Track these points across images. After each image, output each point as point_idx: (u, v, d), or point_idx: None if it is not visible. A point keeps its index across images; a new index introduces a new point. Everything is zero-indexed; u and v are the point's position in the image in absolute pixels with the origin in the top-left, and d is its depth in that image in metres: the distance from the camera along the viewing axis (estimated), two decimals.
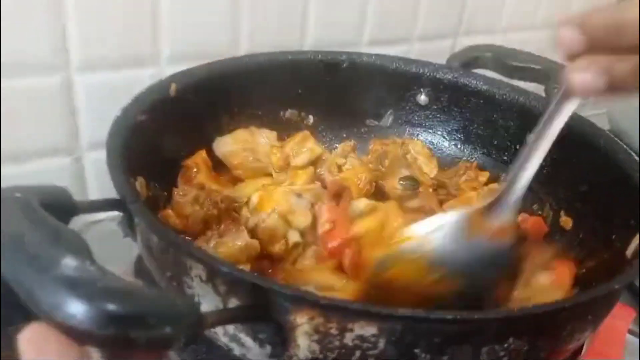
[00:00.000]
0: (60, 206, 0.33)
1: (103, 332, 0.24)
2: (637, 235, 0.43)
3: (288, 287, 0.30)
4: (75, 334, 0.25)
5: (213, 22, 0.68)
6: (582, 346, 0.52)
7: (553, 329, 0.34)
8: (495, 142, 0.63)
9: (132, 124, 0.45)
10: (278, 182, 0.55)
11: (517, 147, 0.61)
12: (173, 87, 0.52)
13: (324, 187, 0.55)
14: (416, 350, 0.32)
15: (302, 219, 0.49)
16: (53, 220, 0.28)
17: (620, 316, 0.57)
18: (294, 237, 0.47)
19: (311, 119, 0.66)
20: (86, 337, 0.25)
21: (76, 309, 0.24)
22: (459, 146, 0.65)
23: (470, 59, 0.67)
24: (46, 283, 0.25)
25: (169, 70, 0.57)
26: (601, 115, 0.94)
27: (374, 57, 0.66)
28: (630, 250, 0.43)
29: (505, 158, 0.62)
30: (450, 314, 0.29)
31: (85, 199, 0.65)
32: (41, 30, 0.59)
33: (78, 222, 0.60)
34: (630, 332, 0.57)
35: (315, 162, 0.60)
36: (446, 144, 0.66)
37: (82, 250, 0.27)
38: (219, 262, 0.32)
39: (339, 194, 0.54)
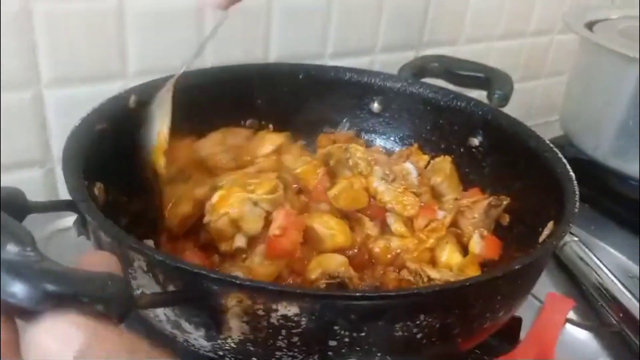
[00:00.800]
0: (14, 205, 0.36)
1: (40, 308, 0.28)
2: (551, 222, 0.47)
3: (216, 272, 0.34)
4: (16, 312, 0.29)
5: (177, 38, 0.72)
6: (518, 333, 0.56)
7: (461, 307, 0.37)
8: (443, 146, 0.67)
9: (91, 132, 0.49)
10: (243, 181, 0.58)
11: (462, 149, 0.65)
12: (132, 98, 0.55)
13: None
14: (336, 328, 0.35)
15: (252, 226, 0.51)
16: (3, 215, 0.32)
17: (558, 306, 0.61)
18: (239, 242, 0.50)
19: (271, 127, 0.70)
20: (26, 315, 0.28)
21: (16, 288, 0.27)
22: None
23: (419, 69, 0.71)
24: None
25: (135, 84, 0.60)
26: (553, 122, 0.99)
27: (327, 68, 0.69)
28: (542, 237, 0.46)
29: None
30: (358, 291, 0.33)
31: None
32: (12, 49, 0.63)
33: (47, 230, 0.64)
34: (569, 321, 0.60)
35: (279, 151, 0.64)
36: (398, 148, 0.70)
37: (25, 239, 0.30)
38: (155, 253, 0.36)
39: (301, 190, 0.59)
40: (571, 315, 0.61)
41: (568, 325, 0.61)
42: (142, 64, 0.71)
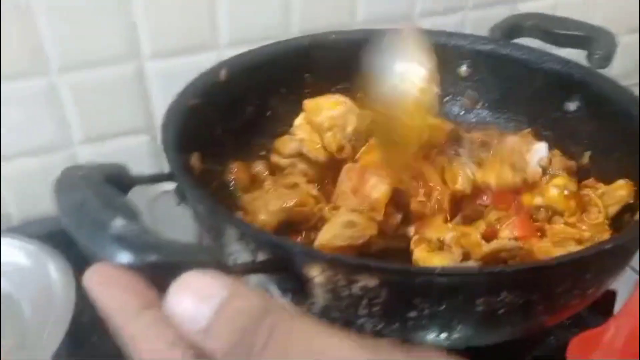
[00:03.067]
0: (119, 179, 0.40)
1: (144, 275, 0.31)
2: None
3: (299, 245, 0.36)
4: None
5: (265, 6, 0.73)
6: (612, 307, 0.54)
7: (546, 286, 0.37)
8: (537, 111, 0.64)
9: (185, 107, 0.52)
10: None
11: (557, 114, 0.62)
12: (223, 72, 0.58)
13: None
14: (415, 300, 0.36)
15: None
16: (109, 189, 0.36)
17: None
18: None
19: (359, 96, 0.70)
20: None
21: (124, 258, 0.31)
22: (498, 116, 0.67)
23: (513, 29, 0.67)
24: (100, 239, 0.32)
25: (228, 54, 0.63)
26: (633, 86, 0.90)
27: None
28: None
29: (543, 126, 0.63)
30: (436, 268, 0.33)
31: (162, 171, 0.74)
32: (115, 27, 0.67)
33: (153, 193, 0.70)
34: None
35: None
36: (486, 114, 0.67)
37: (130, 213, 0.34)
38: (246, 226, 0.38)
39: None
40: None
41: None
42: (233, 34, 0.73)
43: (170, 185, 0.74)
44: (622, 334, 0.52)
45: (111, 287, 0.29)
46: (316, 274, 0.37)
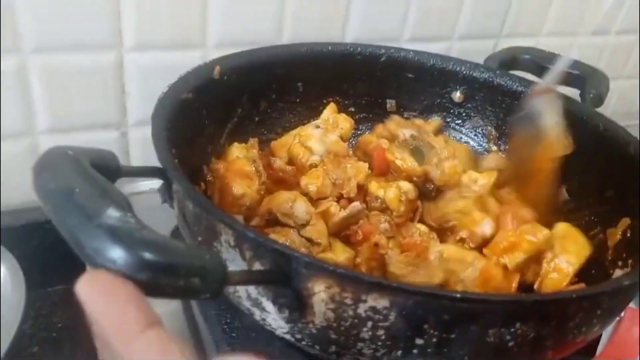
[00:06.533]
0: (107, 167, 0.36)
1: (138, 277, 0.27)
2: None
3: (307, 256, 0.32)
4: None
5: (258, 11, 0.70)
6: (595, 347, 0.53)
7: (560, 319, 0.35)
8: None
9: (177, 101, 0.48)
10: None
11: None
12: (217, 69, 0.54)
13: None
14: (425, 326, 0.34)
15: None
16: (100, 177, 0.31)
17: (637, 321, 0.58)
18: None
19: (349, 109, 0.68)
20: None
21: (116, 254, 0.27)
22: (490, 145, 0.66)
23: (508, 60, 0.67)
24: (91, 230, 0.28)
25: (214, 55, 0.60)
26: (632, 127, 0.93)
27: (412, 53, 0.67)
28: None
29: None
30: (460, 292, 0.31)
31: None
32: (99, 13, 0.63)
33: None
34: None
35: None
36: (474, 141, 0.67)
37: (124, 204, 0.30)
38: (246, 229, 0.35)
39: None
40: None
41: None
42: (223, 35, 0.70)
43: (140, 187, 0.70)
44: None
45: (111, 300, 0.26)
46: (321, 289, 0.34)
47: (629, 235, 0.50)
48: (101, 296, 0.25)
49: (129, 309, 0.25)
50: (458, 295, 0.31)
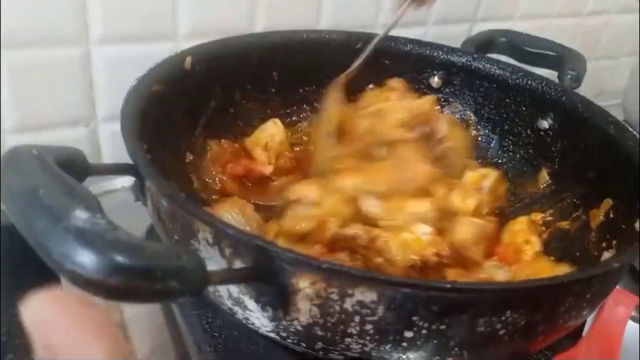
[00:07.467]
0: (74, 166, 0.34)
1: (111, 282, 0.25)
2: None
3: (291, 251, 0.31)
4: (83, 284, 0.26)
5: (229, 2, 0.68)
6: (581, 330, 0.53)
7: (551, 305, 0.34)
8: (506, 127, 0.63)
9: (147, 93, 0.46)
10: None
11: (528, 132, 0.61)
12: (188, 60, 0.52)
13: None
14: (414, 318, 0.33)
15: None
16: (67, 176, 0.29)
17: (622, 302, 0.58)
18: None
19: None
20: (94, 287, 0.26)
21: (85, 258, 0.25)
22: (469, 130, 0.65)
23: (485, 43, 0.67)
24: (58, 233, 0.26)
25: (186, 46, 0.58)
26: (616, 106, 0.94)
27: (387, 39, 0.66)
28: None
29: (514, 143, 0.62)
30: (449, 282, 0.30)
31: None
32: (63, 5, 0.60)
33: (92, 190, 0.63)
34: (632, 318, 0.57)
35: None
36: None
37: (93, 205, 0.28)
38: (226, 225, 0.33)
39: None
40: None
41: (631, 322, 0.57)
42: (194, 25, 0.68)
43: (111, 186, 0.68)
44: (594, 354, 0.51)
45: (72, 324, 0.23)
46: (305, 285, 0.33)
47: (612, 216, 0.49)
48: (59, 318, 0.23)
49: (94, 338, 0.23)
50: (448, 286, 0.30)
